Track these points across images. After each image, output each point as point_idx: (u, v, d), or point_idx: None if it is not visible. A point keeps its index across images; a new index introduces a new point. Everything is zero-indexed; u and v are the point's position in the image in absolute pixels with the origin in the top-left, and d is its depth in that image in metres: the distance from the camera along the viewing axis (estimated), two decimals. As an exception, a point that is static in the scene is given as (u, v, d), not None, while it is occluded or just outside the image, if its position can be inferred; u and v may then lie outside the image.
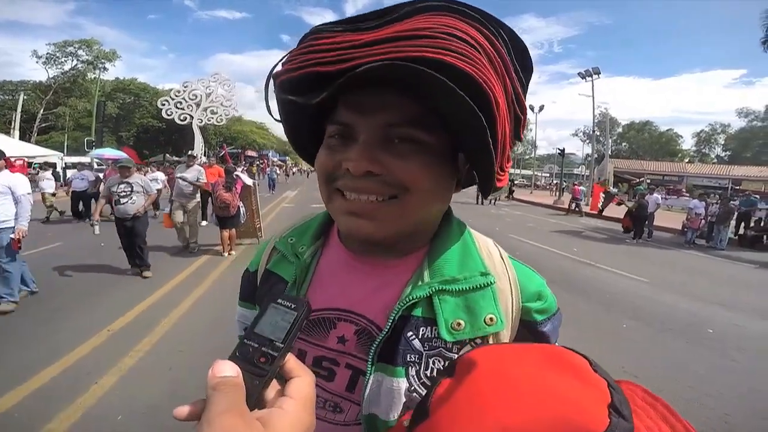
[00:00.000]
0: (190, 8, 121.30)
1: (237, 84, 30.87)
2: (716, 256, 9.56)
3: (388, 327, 0.50)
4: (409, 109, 0.46)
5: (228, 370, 0.31)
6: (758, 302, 5.64)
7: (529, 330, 0.55)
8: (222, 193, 6.15)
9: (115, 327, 3.68)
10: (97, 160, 18.48)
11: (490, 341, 0.50)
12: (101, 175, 10.99)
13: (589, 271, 6.98)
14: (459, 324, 0.50)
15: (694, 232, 11.04)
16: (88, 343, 3.34)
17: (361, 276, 0.56)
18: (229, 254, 6.48)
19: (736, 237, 11.39)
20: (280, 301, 0.37)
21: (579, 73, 25.05)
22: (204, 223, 8.34)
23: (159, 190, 6.87)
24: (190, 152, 7.02)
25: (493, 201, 19.49)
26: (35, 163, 15.98)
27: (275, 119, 0.55)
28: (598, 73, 24.52)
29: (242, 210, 6.54)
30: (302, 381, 0.35)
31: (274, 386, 0.35)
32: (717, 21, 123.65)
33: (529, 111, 0.57)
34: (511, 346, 0.45)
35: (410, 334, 0.50)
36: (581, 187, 17.57)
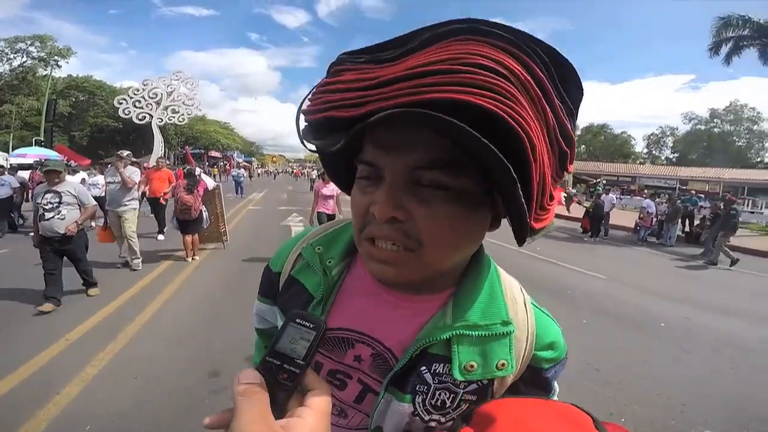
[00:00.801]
0: (155, 4, 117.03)
1: (201, 82, 30.00)
2: (666, 252, 10.17)
3: (405, 360, 0.52)
4: (437, 149, 0.41)
5: (253, 377, 0.34)
6: (704, 296, 6.05)
7: (532, 373, 0.57)
8: (183, 195, 5.92)
9: (74, 336, 3.49)
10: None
11: (496, 383, 0.53)
12: (31, 178, 10.32)
13: (550, 268, 7.25)
14: (472, 366, 0.51)
15: (646, 230, 11.70)
16: (46, 353, 3.17)
17: (385, 304, 0.56)
18: (192, 259, 6.26)
19: (683, 234, 12.16)
20: (299, 321, 0.39)
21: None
22: (161, 237, 7.81)
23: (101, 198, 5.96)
24: (119, 152, 5.77)
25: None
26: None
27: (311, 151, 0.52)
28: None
29: (205, 215, 6.28)
30: (321, 395, 0.37)
31: (294, 397, 0.37)
32: (669, 28, 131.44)
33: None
34: (525, 401, 0.48)
35: (423, 368, 0.52)
36: None
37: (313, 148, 0.49)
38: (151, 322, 3.90)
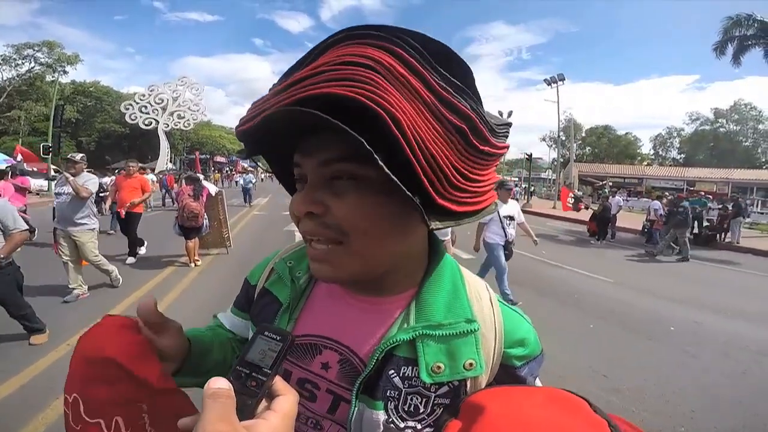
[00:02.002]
0: (160, 10, 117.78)
1: (206, 88, 30.29)
2: (675, 255, 10.03)
3: (372, 365, 0.52)
4: (341, 146, 0.45)
5: (220, 382, 0.36)
6: (714, 299, 5.95)
7: (506, 372, 0.58)
8: (189, 202, 5.94)
9: (75, 341, 3.45)
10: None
11: (468, 384, 0.53)
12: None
13: (557, 272, 7.18)
14: (439, 367, 0.51)
15: (658, 233, 11.46)
16: (47, 358, 3.17)
17: (350, 309, 0.58)
18: (195, 264, 6.29)
19: (692, 236, 12.01)
20: (267, 333, 0.43)
21: (545, 80, 25.88)
22: (130, 260, 6.35)
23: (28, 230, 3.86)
24: (70, 155, 4.58)
25: None
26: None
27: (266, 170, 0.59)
28: (563, 80, 25.42)
29: (205, 221, 6.28)
30: (285, 399, 0.40)
31: (263, 403, 0.40)
32: (672, 29, 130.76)
33: (502, 114, 0.53)
34: (515, 388, 0.49)
35: (392, 372, 0.52)
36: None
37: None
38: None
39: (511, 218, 5.08)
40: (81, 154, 4.69)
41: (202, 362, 0.62)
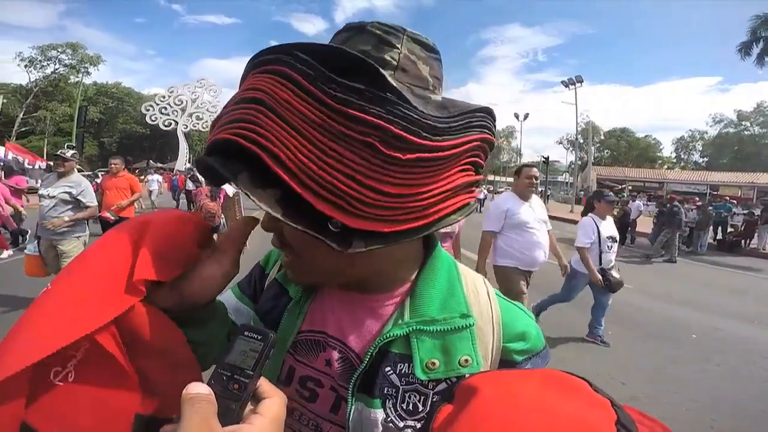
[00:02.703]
0: (178, 12, 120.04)
1: (224, 90, 30.75)
2: (697, 261, 9.79)
3: (366, 361, 0.51)
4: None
5: (199, 388, 0.35)
6: (738, 306, 5.77)
7: (508, 367, 0.55)
8: (207, 202, 6.06)
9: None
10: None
11: None
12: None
13: (574, 277, 7.05)
14: (434, 363, 0.50)
15: (681, 237, 11.23)
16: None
17: (349, 305, 0.57)
18: None
19: (716, 242, 11.69)
20: (247, 333, 0.41)
21: (562, 82, 25.59)
22: None
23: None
24: (60, 151, 4.00)
25: (478, 208, 18.31)
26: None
27: None
28: (581, 81, 25.07)
29: (223, 221, 6.41)
30: (272, 401, 0.38)
31: (249, 406, 0.39)
32: (692, 31, 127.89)
33: (514, 119, 0.48)
34: (511, 372, 0.48)
35: (388, 369, 0.51)
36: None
37: None
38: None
39: (614, 240, 4.04)
40: (72, 150, 4.12)
41: (209, 317, 0.54)
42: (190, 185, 13.31)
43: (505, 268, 3.34)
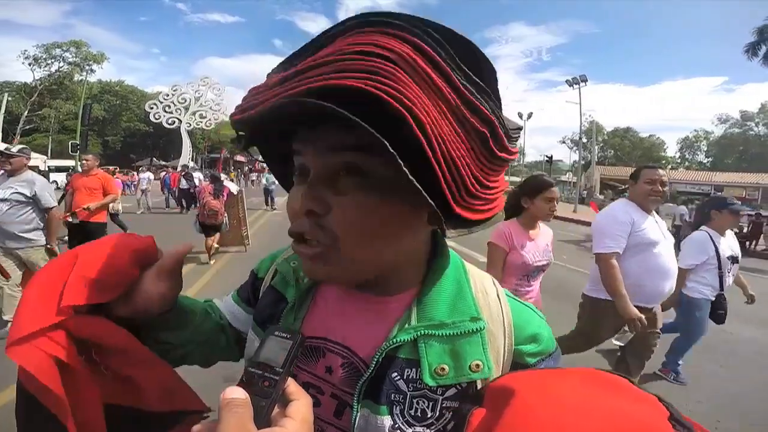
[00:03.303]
0: (182, 11, 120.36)
1: (227, 88, 30.85)
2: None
3: (372, 368, 0.49)
4: (347, 137, 0.42)
5: (237, 393, 0.36)
6: (743, 307, 5.71)
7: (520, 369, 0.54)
8: (210, 200, 6.07)
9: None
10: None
11: (478, 386, 0.49)
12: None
13: (578, 278, 7.01)
14: (443, 369, 0.48)
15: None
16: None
17: (352, 310, 0.55)
18: (213, 253, 6.43)
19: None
20: (277, 333, 0.43)
21: (566, 81, 25.47)
22: None
23: None
24: (5, 147, 3.78)
25: None
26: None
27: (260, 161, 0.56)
28: (585, 81, 24.96)
29: (225, 220, 6.40)
30: (300, 403, 0.39)
31: (277, 408, 0.39)
32: (697, 30, 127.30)
33: (517, 118, 0.50)
34: (544, 371, 0.46)
35: (395, 374, 0.49)
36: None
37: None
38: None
39: (736, 260, 3.26)
40: (20, 146, 3.71)
41: (180, 323, 0.60)
42: (183, 184, 13.07)
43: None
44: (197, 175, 14.34)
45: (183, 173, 13.73)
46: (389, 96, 0.35)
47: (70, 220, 4.64)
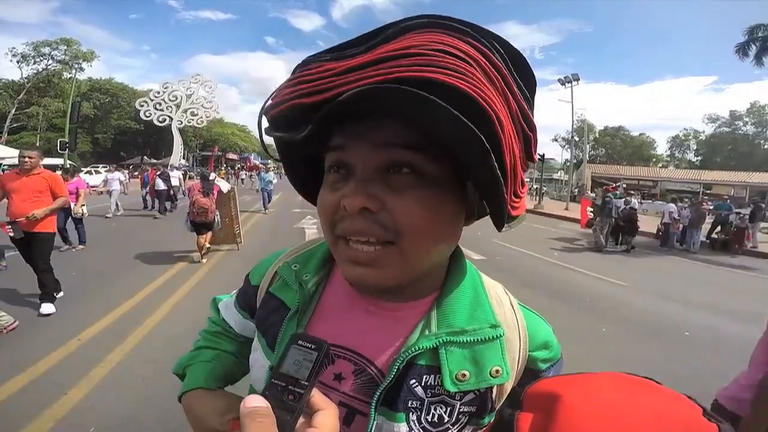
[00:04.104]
0: (174, 8, 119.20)
1: (219, 86, 30.64)
2: (690, 259, 9.85)
3: (392, 376, 0.49)
4: (407, 134, 0.42)
5: (258, 401, 0.34)
6: (731, 304, 5.81)
7: (532, 375, 0.55)
8: (199, 198, 6.02)
9: (85, 337, 3.53)
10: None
11: (494, 391, 0.51)
12: None
13: (569, 275, 7.07)
14: (464, 375, 0.49)
15: (675, 236, 11.29)
16: (57, 353, 3.20)
17: (365, 315, 0.54)
18: (204, 253, 6.37)
19: (708, 240, 11.75)
20: (300, 342, 0.40)
21: (559, 80, 25.56)
22: (46, 309, 3.92)
23: None
24: None
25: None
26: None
27: (273, 158, 0.55)
28: (577, 80, 25.08)
29: (217, 218, 6.35)
30: (326, 413, 0.37)
31: (302, 419, 0.38)
32: (687, 30, 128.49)
33: None
34: (577, 375, 0.46)
35: (413, 381, 0.49)
36: None
37: (275, 147, 0.53)
38: (163, 324, 3.91)
39: None
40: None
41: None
42: (160, 184, 11.99)
43: None
44: (176, 174, 13.76)
45: (159, 172, 12.71)
46: (477, 95, 0.37)
47: (11, 234, 3.80)
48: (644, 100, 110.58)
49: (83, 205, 6.85)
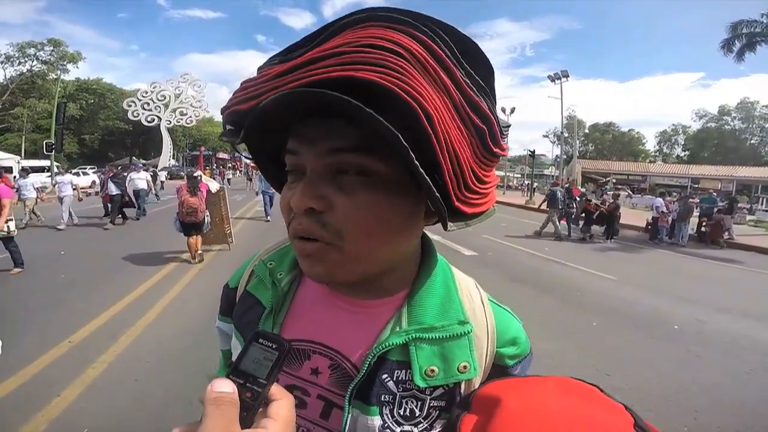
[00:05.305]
0: (162, 7, 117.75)
1: (209, 84, 30.34)
2: (678, 253, 9.99)
3: (364, 370, 0.50)
4: (352, 134, 0.41)
5: (226, 386, 0.34)
6: (718, 297, 5.91)
7: (499, 372, 0.56)
8: (188, 198, 5.96)
9: (77, 338, 3.50)
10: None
11: (462, 386, 0.52)
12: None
13: (559, 269, 7.14)
14: (433, 371, 0.50)
15: (665, 230, 11.44)
16: (48, 355, 3.18)
17: (338, 312, 0.55)
18: (197, 261, 6.29)
19: (696, 234, 11.93)
20: (261, 340, 0.39)
21: (549, 76, 25.74)
22: None
23: None
24: None
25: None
26: None
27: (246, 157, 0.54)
28: (567, 76, 25.29)
29: (207, 219, 6.29)
30: (282, 403, 0.37)
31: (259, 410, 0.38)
32: (676, 27, 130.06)
33: (500, 113, 0.51)
34: (525, 379, 0.48)
35: (385, 376, 0.50)
36: None
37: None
38: (155, 324, 3.89)
39: None
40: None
41: None
42: (112, 189, 9.90)
43: None
44: (142, 176, 11.32)
45: (111, 174, 10.50)
46: (400, 89, 0.36)
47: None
48: (634, 97, 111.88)
49: (10, 220, 5.34)
